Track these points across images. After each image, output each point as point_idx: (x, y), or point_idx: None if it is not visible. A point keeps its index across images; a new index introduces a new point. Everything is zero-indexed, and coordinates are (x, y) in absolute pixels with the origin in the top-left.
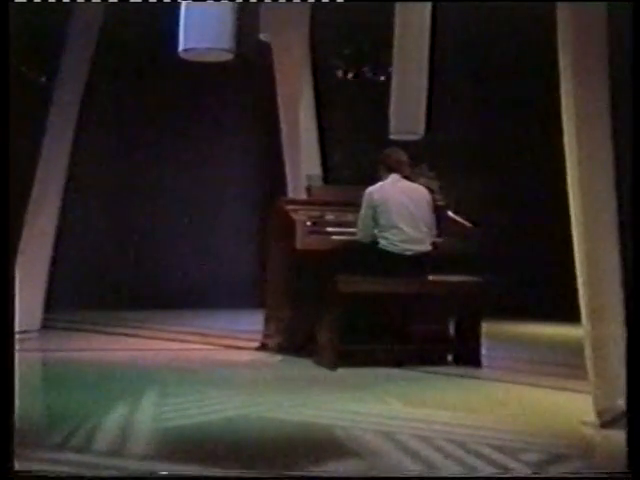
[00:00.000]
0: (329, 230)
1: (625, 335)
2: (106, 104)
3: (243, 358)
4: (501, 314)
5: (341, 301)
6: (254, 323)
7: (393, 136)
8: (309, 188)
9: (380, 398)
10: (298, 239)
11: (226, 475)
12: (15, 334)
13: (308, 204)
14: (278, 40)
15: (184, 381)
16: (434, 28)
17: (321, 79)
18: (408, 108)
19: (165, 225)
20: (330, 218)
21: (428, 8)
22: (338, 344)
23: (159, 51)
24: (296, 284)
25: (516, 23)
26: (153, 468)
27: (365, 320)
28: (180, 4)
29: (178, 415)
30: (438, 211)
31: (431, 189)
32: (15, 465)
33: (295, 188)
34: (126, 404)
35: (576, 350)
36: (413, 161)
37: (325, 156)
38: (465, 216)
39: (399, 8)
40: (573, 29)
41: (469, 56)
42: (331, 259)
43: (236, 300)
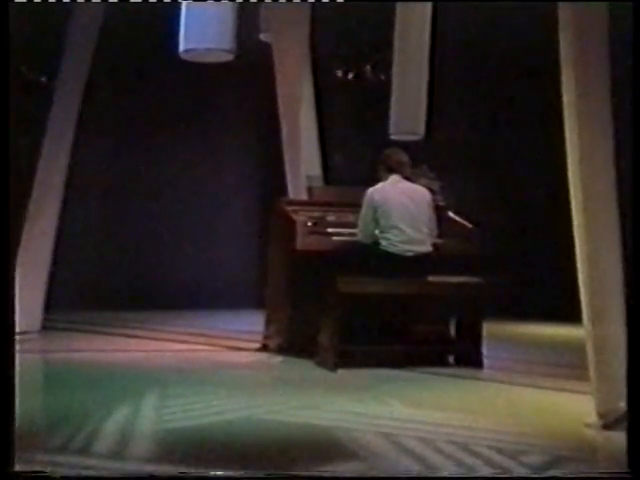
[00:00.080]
0: (330, 231)
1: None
2: (106, 104)
3: (244, 359)
4: (502, 314)
5: (342, 302)
6: (254, 324)
7: (393, 136)
8: (310, 189)
9: (381, 399)
10: (299, 240)
11: (227, 476)
12: (15, 335)
13: (308, 205)
14: (278, 40)
15: (185, 382)
16: (434, 28)
17: (321, 79)
18: (408, 108)
19: (165, 225)
20: (331, 219)
21: (428, 8)
22: (339, 345)
23: (159, 51)
24: (296, 285)
25: (516, 23)
26: (154, 470)
27: (366, 321)
28: (180, 4)
29: (179, 417)
30: (439, 212)
31: (432, 190)
32: (16, 467)
33: (295, 188)
34: (126, 405)
35: (577, 351)
36: (414, 162)
37: (325, 156)
38: (465, 217)
39: (399, 8)
40: (574, 29)
41: (469, 56)
42: (332, 260)
43: (236, 300)
